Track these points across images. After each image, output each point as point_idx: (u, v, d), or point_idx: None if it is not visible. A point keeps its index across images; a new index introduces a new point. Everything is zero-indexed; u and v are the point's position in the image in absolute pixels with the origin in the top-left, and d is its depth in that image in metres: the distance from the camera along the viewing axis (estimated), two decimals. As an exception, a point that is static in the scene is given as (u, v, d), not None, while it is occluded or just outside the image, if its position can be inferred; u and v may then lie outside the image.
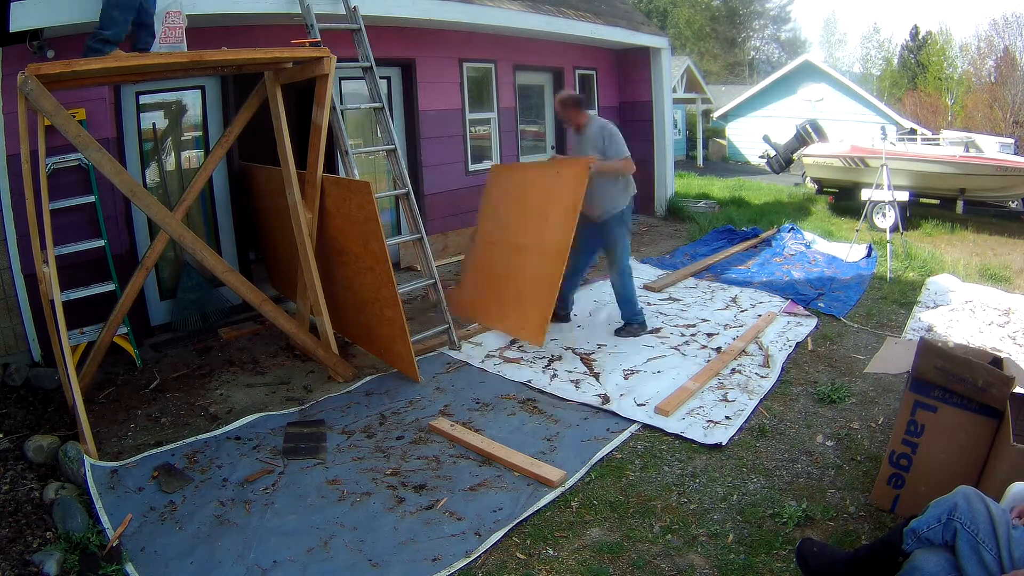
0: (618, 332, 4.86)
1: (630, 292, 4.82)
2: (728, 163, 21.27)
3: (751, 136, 19.45)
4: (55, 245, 3.70)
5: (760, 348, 4.61)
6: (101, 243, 4.39)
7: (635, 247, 7.73)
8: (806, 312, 5.38)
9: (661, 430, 3.53)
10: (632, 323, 4.86)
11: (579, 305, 5.57)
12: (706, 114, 21.99)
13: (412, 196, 4.76)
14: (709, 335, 4.87)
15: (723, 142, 22.22)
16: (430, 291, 4.76)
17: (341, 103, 5.69)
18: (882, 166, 7.31)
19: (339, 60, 4.13)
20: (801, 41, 43.45)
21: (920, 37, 32.70)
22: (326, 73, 4.02)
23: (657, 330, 4.96)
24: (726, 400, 3.84)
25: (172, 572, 2.53)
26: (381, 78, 5.41)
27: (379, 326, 4.22)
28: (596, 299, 5.71)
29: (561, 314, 5.04)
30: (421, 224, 4.76)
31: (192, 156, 5.46)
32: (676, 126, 19.75)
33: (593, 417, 3.69)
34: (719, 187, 13.35)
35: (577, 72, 9.01)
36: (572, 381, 4.13)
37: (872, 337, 4.87)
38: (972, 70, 28.19)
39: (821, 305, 5.54)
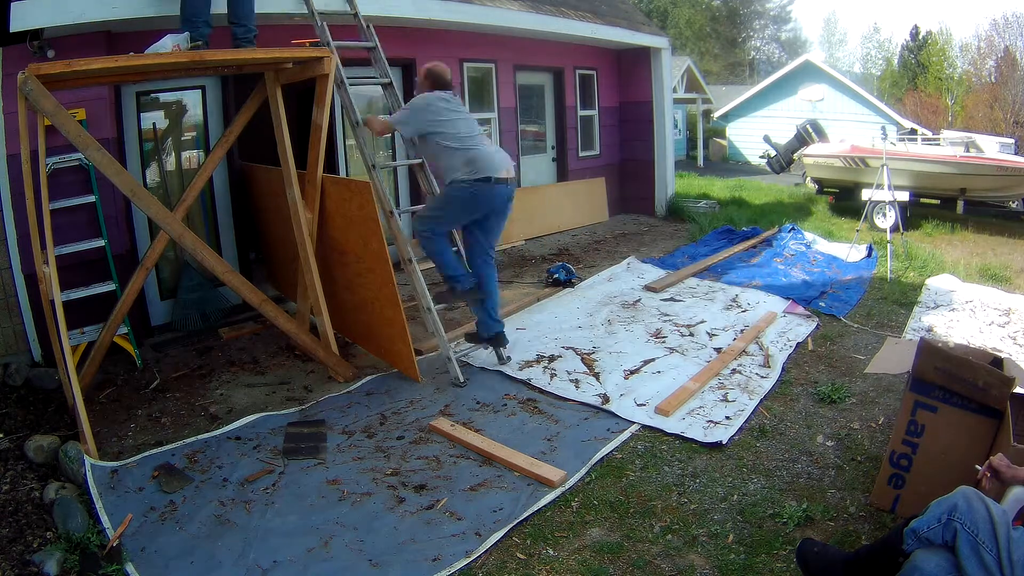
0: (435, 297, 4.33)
1: (434, 255, 4.20)
2: (728, 163, 21.27)
3: (751, 136, 19.45)
4: (55, 245, 3.70)
5: (760, 348, 4.61)
6: (101, 243, 4.39)
7: (635, 247, 7.75)
8: (806, 312, 5.38)
9: (661, 430, 3.53)
10: (447, 284, 4.31)
11: (578, 304, 5.58)
12: (706, 114, 21.99)
13: None
14: (709, 335, 4.87)
15: (723, 142, 22.21)
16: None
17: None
18: (882, 166, 7.30)
19: (346, 64, 4.11)
20: (802, 41, 43.45)
21: (920, 37, 32.65)
22: (326, 73, 4.02)
23: (657, 331, 4.96)
24: (726, 400, 3.84)
25: (172, 572, 2.54)
26: (381, 78, 5.40)
27: (379, 326, 4.22)
28: (595, 299, 5.72)
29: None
30: (456, 237, 4.52)
31: (192, 156, 5.47)
32: (676, 126, 19.76)
33: (593, 417, 3.69)
34: (719, 187, 13.35)
35: (577, 72, 9.01)
36: (572, 381, 4.13)
37: (872, 337, 4.87)
38: (972, 70, 28.17)
39: (822, 305, 5.54)
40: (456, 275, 4.23)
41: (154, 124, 5.12)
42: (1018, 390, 2.67)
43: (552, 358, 4.48)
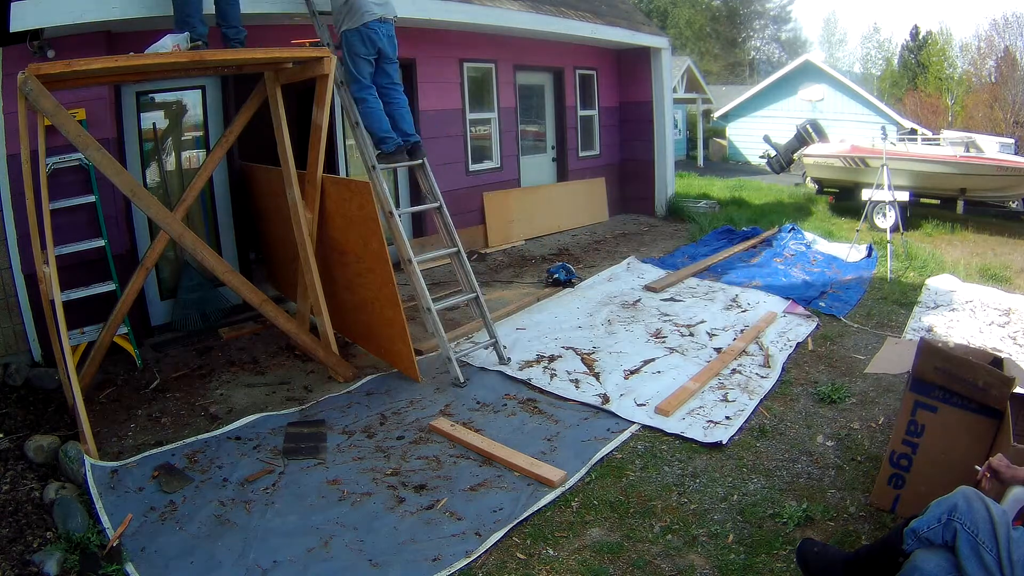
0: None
1: (366, 119, 4.49)
2: (728, 163, 21.27)
3: (751, 136, 19.44)
4: (55, 245, 3.70)
5: (760, 348, 4.61)
6: (101, 243, 4.39)
7: (635, 247, 7.75)
8: (806, 312, 5.38)
9: (661, 430, 3.53)
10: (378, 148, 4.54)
11: (578, 304, 5.58)
12: (706, 114, 21.98)
13: (445, 209, 4.60)
14: (709, 335, 4.87)
15: (723, 142, 22.21)
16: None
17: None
18: (882, 166, 7.30)
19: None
20: (802, 41, 43.40)
21: (920, 37, 32.64)
22: (326, 73, 4.01)
23: (658, 331, 4.96)
24: (726, 400, 3.84)
25: (172, 572, 2.54)
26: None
27: (379, 326, 4.22)
28: (595, 298, 5.72)
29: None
30: (457, 238, 4.59)
31: (192, 156, 5.47)
32: (676, 126, 19.76)
33: (593, 417, 3.69)
34: (719, 187, 13.35)
35: (577, 72, 9.01)
36: (572, 381, 4.13)
37: (872, 337, 4.87)
38: (972, 70, 28.17)
39: (822, 305, 5.54)
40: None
41: (154, 124, 5.12)
42: (1018, 390, 2.67)
43: (552, 358, 4.48)
